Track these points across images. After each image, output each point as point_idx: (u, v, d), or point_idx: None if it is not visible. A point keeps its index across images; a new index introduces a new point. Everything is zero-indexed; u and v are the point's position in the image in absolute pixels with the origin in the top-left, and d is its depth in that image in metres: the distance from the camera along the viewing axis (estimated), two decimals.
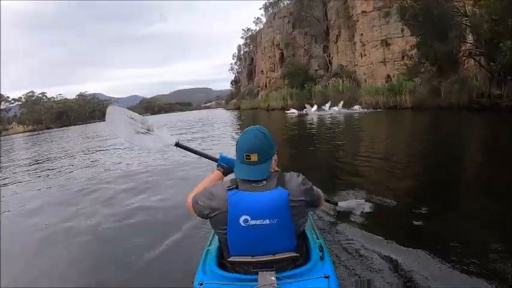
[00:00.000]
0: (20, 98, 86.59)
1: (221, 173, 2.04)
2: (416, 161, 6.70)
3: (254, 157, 1.60)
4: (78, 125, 77.90)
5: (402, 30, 25.55)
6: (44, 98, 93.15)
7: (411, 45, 20.95)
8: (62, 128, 66.12)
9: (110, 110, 2.45)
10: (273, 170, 1.70)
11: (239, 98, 66.72)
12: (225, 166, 2.04)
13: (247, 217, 1.53)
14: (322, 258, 1.69)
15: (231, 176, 1.80)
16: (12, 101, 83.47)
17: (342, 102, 24.40)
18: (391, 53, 28.23)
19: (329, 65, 39.59)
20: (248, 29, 70.48)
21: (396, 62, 27.52)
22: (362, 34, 31.45)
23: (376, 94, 24.52)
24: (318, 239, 1.94)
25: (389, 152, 7.98)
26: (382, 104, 23.42)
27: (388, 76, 28.01)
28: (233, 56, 78.89)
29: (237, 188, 1.58)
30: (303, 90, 37.29)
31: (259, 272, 1.54)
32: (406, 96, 21.19)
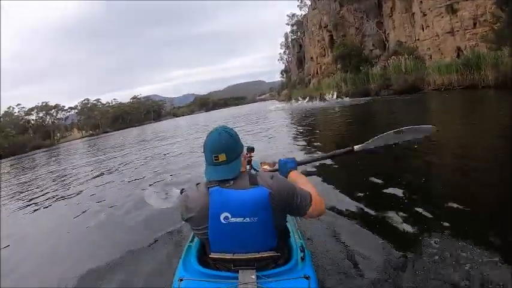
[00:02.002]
0: (76, 106, 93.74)
1: None
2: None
3: (222, 157, 1.62)
4: (135, 126, 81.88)
5: None
6: (99, 104, 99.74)
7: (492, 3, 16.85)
8: (118, 131, 71.26)
9: (148, 193, 4.23)
10: (243, 169, 1.73)
11: (290, 87, 64.23)
12: None
13: (228, 214, 1.55)
14: (303, 259, 1.71)
15: None
16: (69, 110, 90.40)
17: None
18: (460, 20, 23.71)
19: (386, 42, 35.64)
20: (293, 15, 67.43)
21: (467, 31, 23.12)
22: (421, 2, 27.37)
23: (447, 72, 20.77)
24: (299, 239, 1.94)
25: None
26: (456, 83, 19.75)
27: (459, 49, 23.87)
28: (281, 45, 76.10)
29: (218, 185, 1.60)
30: (359, 74, 33.86)
31: (239, 270, 1.55)
32: (488, 72, 17.42)
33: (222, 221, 1.54)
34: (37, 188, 9.93)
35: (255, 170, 2.86)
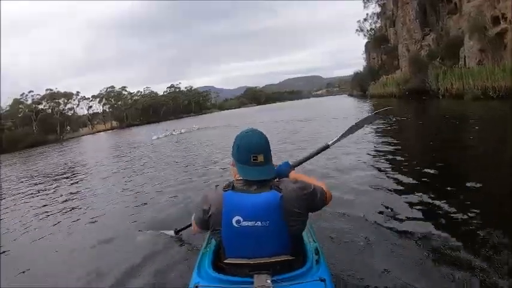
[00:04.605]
0: (100, 94, 79.78)
1: None
2: None
3: (261, 157, 1.57)
4: (170, 120, 70.76)
5: None
6: (125, 92, 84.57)
7: None
8: (146, 125, 61.65)
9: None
10: None
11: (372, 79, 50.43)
12: None
13: (240, 218, 1.51)
14: (318, 262, 1.66)
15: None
16: (91, 99, 77.39)
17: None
18: None
19: None
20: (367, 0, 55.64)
21: None
22: None
23: None
24: (314, 242, 1.90)
25: None
26: None
27: None
28: (357, 30, 61.34)
29: (232, 189, 1.56)
30: None
31: (254, 275, 1.51)
32: None
33: (234, 224, 1.50)
34: None
35: None
